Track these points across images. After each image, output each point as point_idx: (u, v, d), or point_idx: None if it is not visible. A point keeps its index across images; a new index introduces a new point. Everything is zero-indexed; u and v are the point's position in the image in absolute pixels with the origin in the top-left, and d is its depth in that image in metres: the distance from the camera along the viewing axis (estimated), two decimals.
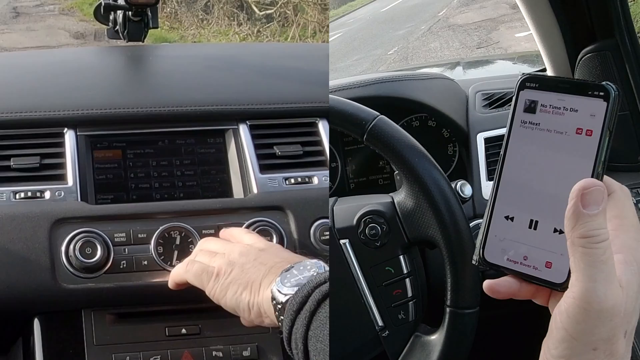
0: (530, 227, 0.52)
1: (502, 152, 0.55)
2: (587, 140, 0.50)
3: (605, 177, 0.51)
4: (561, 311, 0.47)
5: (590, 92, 0.51)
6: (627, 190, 0.52)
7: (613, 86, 0.50)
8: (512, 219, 0.54)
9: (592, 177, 0.49)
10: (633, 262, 0.48)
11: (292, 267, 0.73)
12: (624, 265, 0.47)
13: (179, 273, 0.84)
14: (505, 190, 0.54)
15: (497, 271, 0.54)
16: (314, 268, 0.72)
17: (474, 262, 0.56)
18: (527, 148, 0.53)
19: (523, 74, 0.54)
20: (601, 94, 0.50)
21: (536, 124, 0.53)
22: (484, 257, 0.55)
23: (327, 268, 0.72)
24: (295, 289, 0.69)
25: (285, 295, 0.70)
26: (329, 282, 0.69)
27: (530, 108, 0.53)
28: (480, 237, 0.55)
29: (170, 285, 0.86)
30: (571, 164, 0.51)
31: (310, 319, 0.67)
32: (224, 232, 0.90)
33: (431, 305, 0.90)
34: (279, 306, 0.70)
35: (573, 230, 0.47)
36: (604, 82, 0.50)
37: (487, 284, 0.53)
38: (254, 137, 1.03)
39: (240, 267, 0.77)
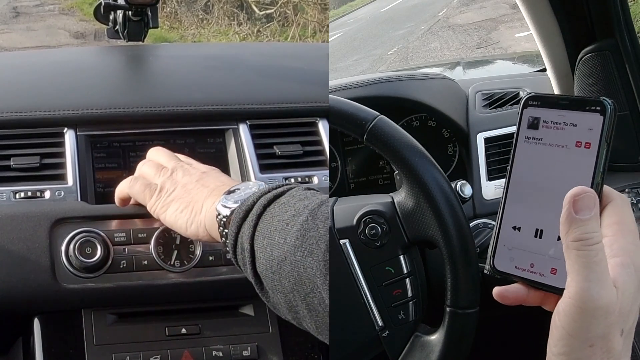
0: (536, 236, 0.56)
1: (509, 167, 0.58)
2: (586, 152, 0.54)
3: (605, 186, 0.54)
4: (559, 311, 0.50)
5: (587, 107, 0.54)
6: (626, 198, 0.55)
7: (609, 101, 0.54)
8: (519, 228, 0.57)
9: (591, 186, 0.53)
10: (630, 264, 0.50)
11: (236, 188, 0.76)
12: (620, 267, 0.50)
13: (122, 189, 0.88)
14: (513, 202, 0.58)
15: (507, 279, 0.57)
16: (256, 186, 0.75)
17: (485, 271, 0.59)
18: (532, 162, 0.57)
19: (527, 93, 0.59)
20: (598, 108, 0.54)
21: (539, 139, 0.57)
22: (495, 266, 0.58)
23: (269, 185, 0.75)
24: (240, 202, 0.72)
25: (230, 208, 0.73)
26: (275, 192, 0.71)
27: (534, 124, 0.57)
28: (490, 247, 0.59)
29: (117, 202, 0.89)
30: (572, 175, 0.54)
31: (256, 221, 0.69)
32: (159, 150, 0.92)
33: (431, 305, 0.90)
34: (224, 220, 0.73)
35: (567, 234, 0.50)
36: (600, 98, 0.54)
37: (496, 290, 0.56)
38: (254, 137, 1.03)
39: (183, 187, 0.80)
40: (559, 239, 0.52)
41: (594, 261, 0.48)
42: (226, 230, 0.73)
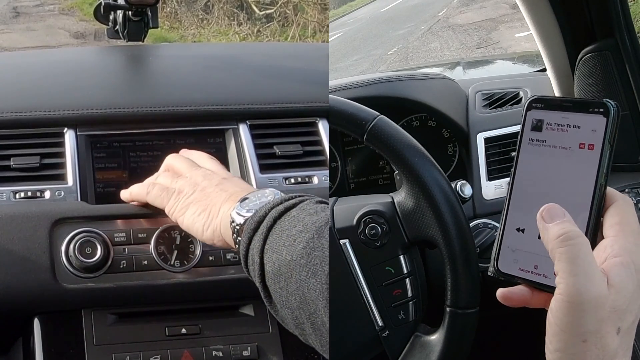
0: (539, 238, 0.55)
1: (512, 169, 0.59)
2: (590, 154, 0.54)
3: (608, 188, 0.55)
4: (551, 308, 0.51)
5: (591, 109, 0.55)
6: (629, 199, 0.56)
7: (612, 103, 0.54)
8: (523, 230, 0.58)
9: (594, 187, 0.54)
10: (631, 264, 0.51)
11: (251, 195, 0.76)
12: (619, 266, 0.50)
13: (139, 194, 0.87)
14: (517, 204, 0.58)
15: (511, 280, 0.58)
16: (271, 195, 0.75)
17: (489, 273, 0.59)
18: (536, 164, 0.57)
19: (531, 96, 0.59)
20: (601, 110, 0.54)
21: (543, 141, 0.57)
22: (498, 268, 0.59)
23: (283, 195, 0.75)
24: (254, 210, 0.73)
25: (244, 217, 0.73)
26: (286, 203, 0.72)
27: (537, 127, 0.58)
28: (494, 248, 0.59)
29: (126, 199, 0.90)
30: (576, 177, 0.55)
31: (267, 234, 0.70)
32: (185, 152, 0.92)
33: (431, 305, 0.90)
34: (237, 228, 0.73)
35: (548, 240, 0.52)
36: (604, 100, 0.54)
37: (500, 292, 0.57)
38: (254, 137, 1.03)
39: (202, 190, 0.80)
40: None
41: (578, 255, 0.49)
42: (239, 238, 0.73)
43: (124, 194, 0.90)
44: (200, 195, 0.80)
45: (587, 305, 0.48)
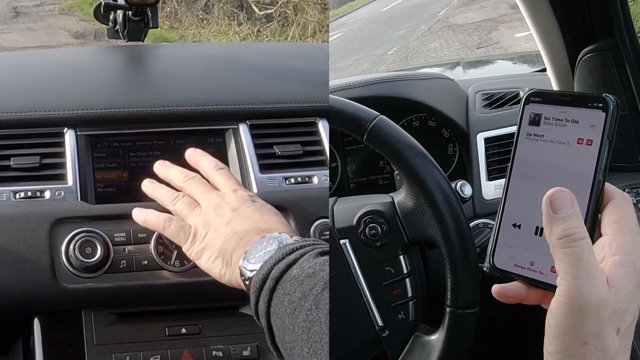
0: (536, 234, 0.55)
1: (509, 164, 0.58)
2: (588, 150, 0.53)
3: (606, 184, 0.54)
4: (551, 309, 0.50)
5: (590, 104, 0.54)
6: (628, 197, 0.55)
7: (612, 97, 0.53)
8: (519, 226, 0.57)
9: (592, 184, 0.53)
10: (629, 263, 0.50)
11: (257, 242, 0.75)
12: (618, 266, 0.50)
13: (156, 226, 0.85)
14: (513, 199, 0.58)
15: (507, 277, 0.57)
16: (276, 242, 0.73)
17: (485, 269, 0.59)
18: (533, 159, 0.56)
19: (529, 89, 0.58)
20: (600, 105, 0.53)
21: (540, 136, 0.56)
22: (494, 264, 0.58)
23: (289, 241, 0.73)
24: (259, 264, 0.72)
25: (251, 272, 0.73)
26: (289, 257, 0.70)
27: (535, 121, 0.56)
28: (490, 244, 0.58)
29: (141, 223, 0.87)
30: (573, 173, 0.54)
31: (270, 297, 0.69)
32: (193, 152, 0.90)
33: (431, 305, 0.90)
34: (247, 282, 0.73)
35: (551, 235, 0.50)
36: (603, 94, 0.53)
37: (496, 288, 0.56)
38: (254, 136, 1.03)
39: (215, 231, 0.80)
40: None
41: (581, 257, 0.48)
42: (250, 292, 0.73)
43: (139, 216, 0.87)
44: (213, 237, 0.79)
45: (589, 307, 0.48)
